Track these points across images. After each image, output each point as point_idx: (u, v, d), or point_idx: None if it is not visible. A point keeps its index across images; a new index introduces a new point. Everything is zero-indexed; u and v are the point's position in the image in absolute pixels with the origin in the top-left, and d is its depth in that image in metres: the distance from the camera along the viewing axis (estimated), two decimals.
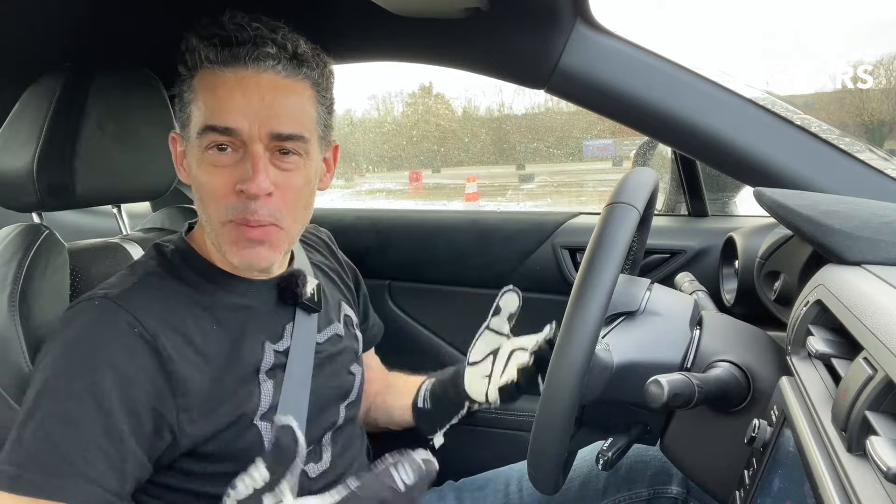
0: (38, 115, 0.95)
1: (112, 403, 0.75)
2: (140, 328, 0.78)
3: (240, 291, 0.90)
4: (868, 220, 0.73)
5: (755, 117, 0.99)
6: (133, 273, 0.86)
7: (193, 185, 0.85)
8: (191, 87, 0.84)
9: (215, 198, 0.82)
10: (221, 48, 0.80)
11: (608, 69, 1.02)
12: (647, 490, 1.05)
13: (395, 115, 5.01)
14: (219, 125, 0.80)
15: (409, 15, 1.06)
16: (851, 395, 0.48)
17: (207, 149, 0.81)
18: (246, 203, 0.81)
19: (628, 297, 0.82)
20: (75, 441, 0.73)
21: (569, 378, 0.65)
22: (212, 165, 0.82)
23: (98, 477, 0.73)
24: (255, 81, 0.81)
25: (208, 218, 0.84)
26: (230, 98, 0.80)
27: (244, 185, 0.80)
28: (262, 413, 0.87)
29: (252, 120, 0.80)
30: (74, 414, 0.74)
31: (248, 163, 0.80)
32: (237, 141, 0.81)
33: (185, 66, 0.84)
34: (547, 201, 4.76)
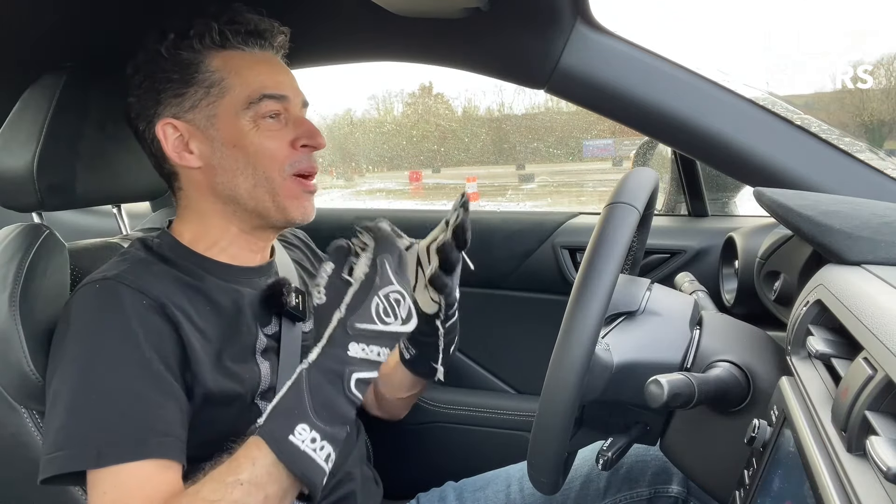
0: (39, 115, 0.95)
1: (155, 364, 0.79)
2: (147, 300, 0.82)
3: (227, 277, 0.92)
4: (868, 220, 0.73)
5: (755, 117, 0.99)
6: (123, 260, 0.88)
7: (242, 154, 0.89)
8: (206, 67, 0.89)
9: (278, 157, 0.90)
10: (248, 35, 0.91)
11: (608, 69, 1.02)
12: (647, 490, 1.06)
13: (395, 115, 5.01)
14: (276, 93, 0.90)
15: (409, 15, 1.06)
16: (851, 395, 0.48)
17: (262, 117, 0.89)
18: (309, 156, 0.92)
19: (628, 297, 0.82)
20: (139, 404, 0.77)
21: (569, 378, 0.65)
22: (269, 131, 0.90)
23: (169, 429, 0.78)
24: (277, 61, 0.95)
25: (268, 178, 0.89)
26: (276, 72, 0.92)
27: (311, 139, 0.91)
28: (261, 392, 0.89)
29: (292, 91, 0.93)
30: (130, 384, 0.77)
31: (301, 124, 0.92)
32: (283, 108, 0.91)
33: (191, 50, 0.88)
34: (547, 201, 4.76)
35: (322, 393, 0.73)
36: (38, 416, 0.85)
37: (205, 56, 0.89)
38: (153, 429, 0.77)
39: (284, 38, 0.95)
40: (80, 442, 0.75)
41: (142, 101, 0.91)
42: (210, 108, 0.89)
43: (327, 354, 0.74)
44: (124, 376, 0.78)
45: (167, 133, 0.90)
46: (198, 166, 0.90)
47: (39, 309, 0.87)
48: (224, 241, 0.93)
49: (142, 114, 0.91)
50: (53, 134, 0.95)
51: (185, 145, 0.90)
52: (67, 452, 0.75)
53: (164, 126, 0.90)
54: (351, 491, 1.01)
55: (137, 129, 0.93)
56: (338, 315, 0.75)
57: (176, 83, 0.89)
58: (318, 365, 0.74)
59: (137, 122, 0.92)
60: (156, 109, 0.90)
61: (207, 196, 0.92)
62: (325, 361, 0.74)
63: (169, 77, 0.89)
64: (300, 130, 0.91)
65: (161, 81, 0.89)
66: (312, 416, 0.72)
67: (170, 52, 0.88)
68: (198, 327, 0.85)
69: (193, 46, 0.89)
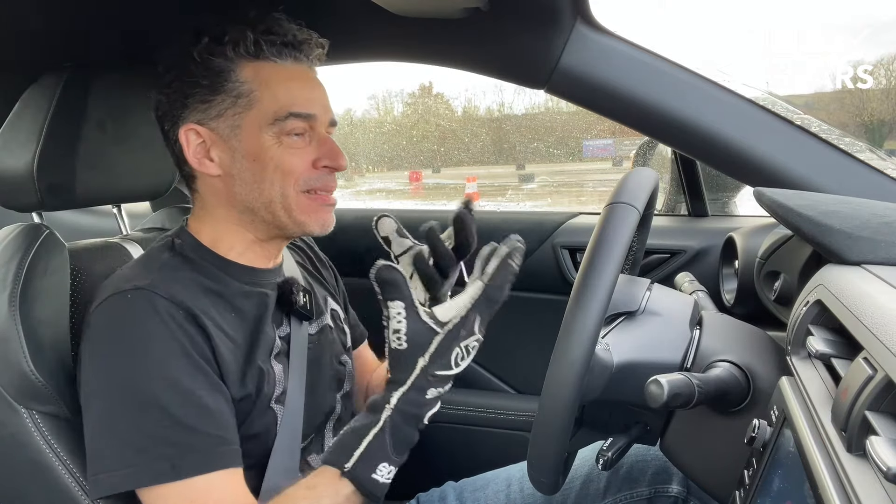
0: (39, 115, 0.95)
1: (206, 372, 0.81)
2: (181, 309, 0.82)
3: (247, 279, 0.92)
4: (868, 220, 0.73)
5: (755, 117, 0.99)
6: (149, 267, 0.87)
7: (260, 168, 0.88)
8: (237, 77, 0.87)
9: (293, 172, 0.88)
10: (285, 45, 0.89)
11: (608, 69, 1.02)
12: (647, 489, 1.06)
13: (395, 115, 5.00)
14: (303, 112, 0.88)
15: (409, 15, 1.06)
16: (851, 395, 0.48)
17: (286, 134, 0.88)
18: (326, 175, 0.91)
19: (628, 297, 0.82)
20: (202, 412, 0.79)
21: (569, 378, 0.65)
22: (293, 148, 0.89)
23: (230, 435, 0.80)
24: (310, 76, 0.93)
25: (282, 194, 0.89)
26: (307, 89, 0.91)
27: (332, 161, 0.90)
28: (276, 396, 0.90)
29: (321, 109, 0.91)
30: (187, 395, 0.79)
31: (324, 144, 0.91)
32: (308, 127, 0.90)
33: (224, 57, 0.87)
34: (547, 201, 4.76)
35: (402, 434, 0.78)
36: (37, 417, 0.85)
37: (236, 65, 0.87)
38: (218, 437, 0.79)
39: (322, 50, 0.93)
40: (152, 457, 0.76)
41: (170, 100, 0.90)
42: (235, 119, 0.88)
43: (409, 401, 0.78)
44: (182, 386, 0.78)
45: (189, 138, 0.89)
46: (217, 174, 0.89)
47: (39, 309, 0.87)
48: (240, 246, 0.93)
49: (168, 113, 0.90)
50: (53, 134, 0.95)
51: (206, 152, 0.89)
52: (137, 469, 0.76)
53: (187, 131, 0.89)
54: None
55: (163, 126, 0.92)
56: (422, 362, 0.77)
57: (204, 89, 0.87)
58: (401, 411, 0.78)
59: (164, 121, 0.92)
60: (182, 112, 0.89)
61: (224, 203, 0.91)
62: (407, 408, 0.78)
63: (198, 82, 0.87)
64: (323, 150, 0.90)
65: (190, 85, 0.88)
66: (392, 454, 0.78)
67: (202, 56, 0.87)
68: (226, 334, 0.85)
69: (226, 54, 0.87)
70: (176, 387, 0.78)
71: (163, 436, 0.77)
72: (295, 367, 0.93)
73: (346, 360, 1.06)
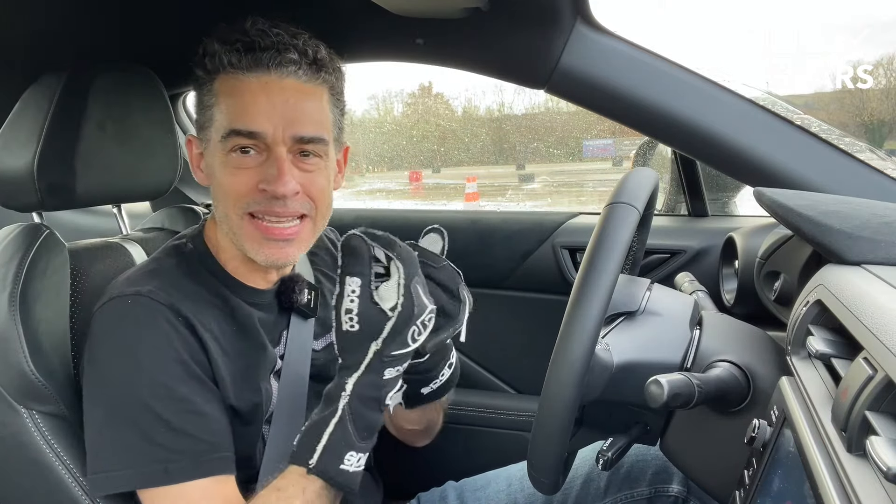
0: (39, 115, 0.95)
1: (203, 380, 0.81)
2: (180, 318, 0.82)
3: (248, 297, 0.91)
4: (868, 220, 0.73)
5: (755, 117, 0.99)
6: (154, 273, 0.87)
7: (214, 185, 0.87)
8: (211, 90, 0.85)
9: (237, 195, 0.84)
10: (245, 53, 0.82)
11: (608, 69, 1.02)
12: (647, 489, 1.06)
13: (395, 115, 5.00)
14: (244, 129, 0.82)
15: (409, 15, 1.06)
16: (851, 395, 0.48)
17: (231, 151, 0.83)
18: (269, 200, 0.83)
19: (628, 297, 0.82)
20: (198, 418, 0.79)
21: (569, 378, 0.65)
22: (235, 167, 0.84)
23: (225, 442, 0.80)
24: (278, 86, 0.82)
25: (226, 215, 0.86)
26: (255, 102, 0.82)
27: (269, 185, 0.82)
28: (267, 417, 0.90)
29: (276, 123, 0.82)
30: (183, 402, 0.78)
31: (272, 165, 0.82)
32: (261, 144, 0.83)
33: (204, 70, 0.85)
34: (547, 201, 4.76)
35: (364, 419, 0.77)
36: (37, 417, 0.85)
37: (213, 77, 0.85)
38: (212, 443, 0.79)
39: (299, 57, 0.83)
40: (146, 460, 0.76)
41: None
42: (207, 133, 0.87)
43: (365, 384, 0.76)
44: (177, 392, 0.78)
45: (191, 148, 0.92)
46: (207, 185, 0.91)
47: (39, 309, 0.87)
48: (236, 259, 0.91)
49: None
50: (53, 134, 0.95)
51: (199, 162, 0.91)
52: (131, 472, 0.76)
53: (189, 140, 0.92)
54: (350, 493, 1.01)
55: None
56: (374, 347, 0.75)
57: (197, 101, 0.89)
58: (358, 395, 0.76)
59: None
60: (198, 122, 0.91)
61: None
62: (363, 391, 0.76)
63: (198, 96, 0.89)
64: (264, 173, 0.82)
65: (197, 98, 0.89)
66: (357, 441, 0.76)
67: (198, 70, 0.87)
68: (223, 347, 0.85)
69: (206, 67, 0.85)
70: (171, 393, 0.78)
71: (156, 440, 0.77)
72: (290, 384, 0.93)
73: None
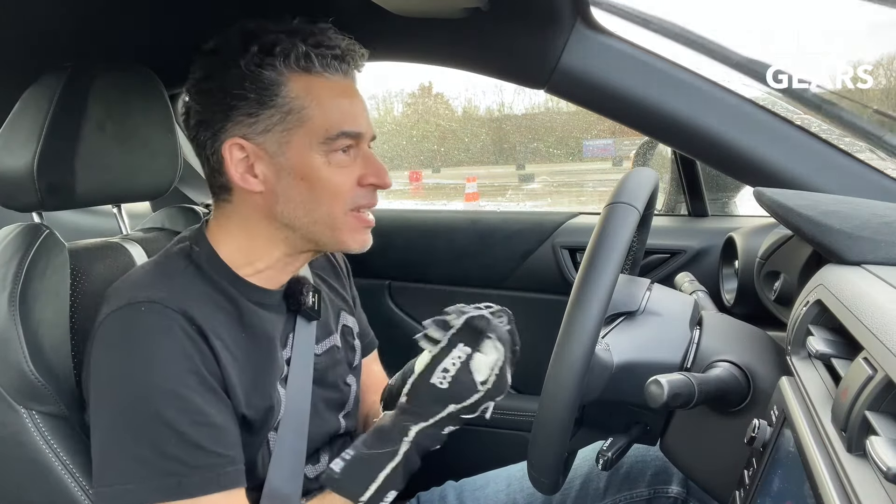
0: (39, 115, 0.95)
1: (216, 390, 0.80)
2: (193, 327, 0.80)
3: (257, 299, 0.90)
4: (868, 220, 0.73)
5: (755, 117, 0.99)
6: (166, 274, 0.85)
7: (307, 187, 0.85)
8: (290, 92, 0.83)
9: (342, 192, 0.87)
10: (334, 60, 0.86)
11: (608, 69, 1.02)
12: (647, 490, 1.06)
13: (395, 115, 5.00)
14: (353, 130, 0.86)
15: (409, 15, 1.06)
16: (851, 395, 0.48)
17: (335, 151, 0.86)
18: (371, 192, 0.89)
19: (628, 297, 0.82)
20: (213, 435, 0.78)
21: (569, 378, 0.65)
22: (340, 167, 0.86)
23: (236, 454, 0.80)
24: (355, 91, 0.90)
25: (329, 214, 0.87)
26: (354, 104, 0.88)
27: (379, 179, 0.89)
28: (276, 423, 0.89)
29: (368, 125, 0.89)
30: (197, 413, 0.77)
31: (370, 161, 0.89)
32: (355, 143, 0.88)
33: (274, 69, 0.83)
34: (547, 201, 4.76)
35: (412, 464, 0.82)
36: (37, 417, 0.85)
37: (287, 78, 0.83)
38: (226, 456, 0.78)
39: (363, 62, 0.90)
40: (158, 473, 0.75)
41: (208, 110, 0.85)
42: (284, 136, 0.84)
43: (427, 434, 0.82)
44: (191, 403, 0.77)
45: (233, 153, 0.84)
46: (259, 190, 0.86)
47: (39, 309, 0.87)
48: (262, 262, 0.90)
49: (206, 123, 0.86)
50: (53, 134, 0.95)
51: (249, 167, 0.85)
52: (141, 485, 0.75)
53: (231, 145, 0.84)
54: None
55: (198, 137, 0.88)
56: (452, 408, 0.81)
57: (252, 102, 0.83)
58: (417, 443, 0.81)
59: (199, 130, 0.87)
60: (224, 124, 0.84)
61: (261, 219, 0.88)
62: (423, 441, 0.82)
63: (245, 94, 0.83)
64: (369, 168, 0.88)
65: (235, 97, 0.83)
66: (400, 484, 0.81)
67: (250, 68, 0.82)
68: (234, 354, 0.83)
69: (276, 66, 0.83)
70: (185, 403, 0.77)
71: (170, 453, 0.75)
72: (297, 389, 0.92)
73: (350, 381, 1.04)
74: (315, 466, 0.96)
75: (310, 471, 0.95)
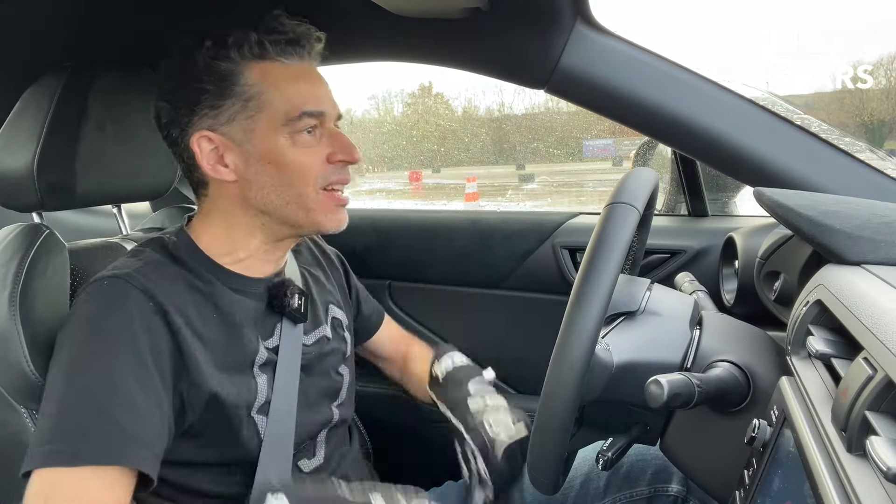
0: (39, 115, 0.95)
1: (150, 373, 0.79)
2: (152, 302, 0.81)
3: (237, 286, 0.91)
4: (868, 220, 0.73)
5: (755, 117, 0.99)
6: (136, 258, 0.88)
7: (276, 169, 0.88)
8: (247, 80, 0.87)
9: (311, 171, 0.89)
10: (287, 45, 0.89)
11: (608, 69, 1.02)
12: (647, 489, 1.06)
13: (395, 115, 5.00)
14: (315, 110, 0.89)
15: (409, 15, 1.06)
16: (851, 395, 0.48)
17: (298, 133, 0.88)
18: (341, 169, 0.91)
19: (628, 297, 0.82)
20: (126, 410, 0.76)
21: (569, 378, 0.65)
22: (306, 147, 0.89)
23: (150, 441, 0.77)
24: (315, 73, 0.93)
25: (301, 194, 0.89)
26: (315, 86, 0.91)
27: (346, 154, 0.91)
28: (258, 406, 0.89)
29: (330, 104, 0.91)
30: (119, 385, 0.77)
31: (336, 138, 0.91)
32: (319, 123, 0.90)
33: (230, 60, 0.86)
34: (547, 201, 4.76)
35: None
36: (37, 417, 0.85)
37: (243, 67, 0.87)
38: (137, 438, 0.76)
39: (321, 44, 0.93)
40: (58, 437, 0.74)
41: (175, 107, 0.88)
42: (247, 123, 0.87)
43: None
44: (117, 378, 0.77)
45: (202, 146, 0.87)
46: (232, 180, 0.88)
47: (39, 309, 0.87)
48: (243, 251, 0.92)
49: (175, 121, 0.89)
50: (53, 134, 0.95)
51: (219, 158, 0.88)
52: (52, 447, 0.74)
53: (199, 139, 0.87)
54: None
55: (169, 134, 0.90)
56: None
57: (212, 94, 0.86)
58: None
59: (170, 129, 0.90)
60: (190, 119, 0.87)
61: (238, 208, 0.90)
62: None
63: (204, 87, 0.86)
64: (336, 145, 0.90)
65: (196, 91, 0.86)
66: None
67: (206, 61, 0.86)
68: (198, 333, 0.84)
69: (231, 57, 0.86)
70: (111, 375, 0.77)
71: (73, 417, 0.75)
72: (285, 378, 0.92)
73: (343, 371, 1.05)
74: (310, 461, 0.97)
75: (305, 465, 0.96)
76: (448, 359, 1.10)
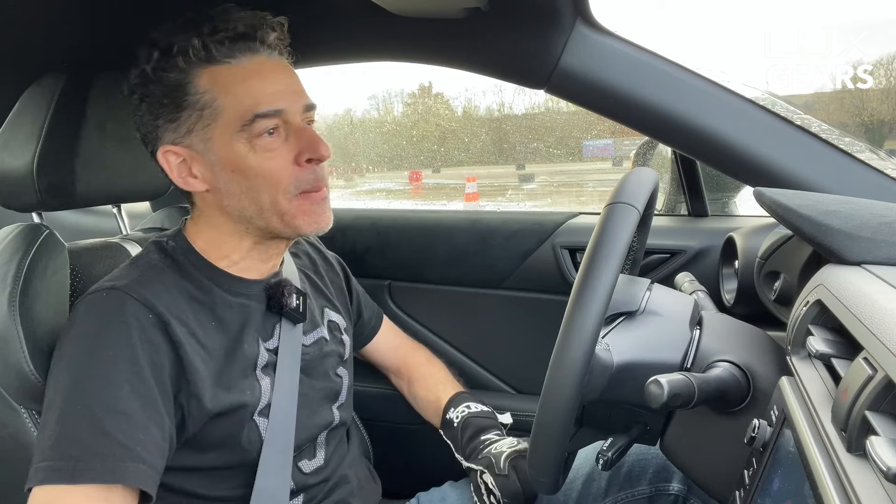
0: (39, 115, 0.95)
1: (150, 387, 0.78)
2: (152, 314, 0.80)
3: (236, 290, 0.91)
4: (868, 220, 0.73)
5: (755, 117, 0.99)
6: (135, 267, 0.87)
7: (243, 176, 0.84)
8: (198, 87, 0.83)
9: (279, 177, 0.84)
10: (234, 42, 0.83)
11: (608, 69, 1.02)
12: (648, 488, 1.05)
13: (395, 115, 5.00)
14: (269, 110, 0.82)
15: (409, 15, 1.06)
16: (851, 395, 0.48)
17: (258, 136, 0.83)
18: (314, 170, 0.85)
19: (628, 297, 0.82)
20: (125, 426, 0.75)
21: (569, 378, 0.65)
22: (268, 151, 0.84)
23: (150, 457, 0.76)
24: (271, 65, 0.85)
25: (273, 202, 0.85)
26: (267, 84, 0.84)
27: (314, 152, 0.84)
28: (260, 409, 0.89)
29: (290, 99, 0.84)
30: (118, 401, 0.76)
31: (302, 135, 0.84)
32: (281, 121, 0.84)
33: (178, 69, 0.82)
34: (547, 201, 4.76)
35: None
36: (37, 417, 0.85)
37: (192, 76, 0.83)
38: (138, 456, 0.75)
39: (278, 32, 0.87)
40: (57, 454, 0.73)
41: (143, 122, 0.87)
42: (205, 133, 0.84)
43: None
44: (117, 394, 0.76)
45: (169, 160, 0.86)
46: (204, 189, 0.87)
47: (39, 309, 0.87)
48: (236, 254, 0.91)
49: (146, 135, 0.88)
50: (53, 134, 0.95)
51: (188, 170, 0.86)
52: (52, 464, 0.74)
53: (164, 154, 0.86)
54: (348, 492, 1.01)
55: (147, 149, 0.89)
56: None
57: (168, 107, 0.84)
58: None
59: (146, 143, 0.89)
60: (156, 133, 0.86)
61: (220, 215, 0.89)
62: None
63: (161, 101, 0.84)
64: (301, 144, 0.84)
65: (155, 106, 0.84)
66: None
67: (156, 73, 0.83)
68: (201, 343, 0.84)
69: (179, 66, 0.82)
70: (110, 390, 0.76)
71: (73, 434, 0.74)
72: (285, 379, 0.92)
73: (342, 373, 1.05)
74: (311, 461, 0.97)
75: (305, 466, 0.96)
76: (464, 407, 1.10)
